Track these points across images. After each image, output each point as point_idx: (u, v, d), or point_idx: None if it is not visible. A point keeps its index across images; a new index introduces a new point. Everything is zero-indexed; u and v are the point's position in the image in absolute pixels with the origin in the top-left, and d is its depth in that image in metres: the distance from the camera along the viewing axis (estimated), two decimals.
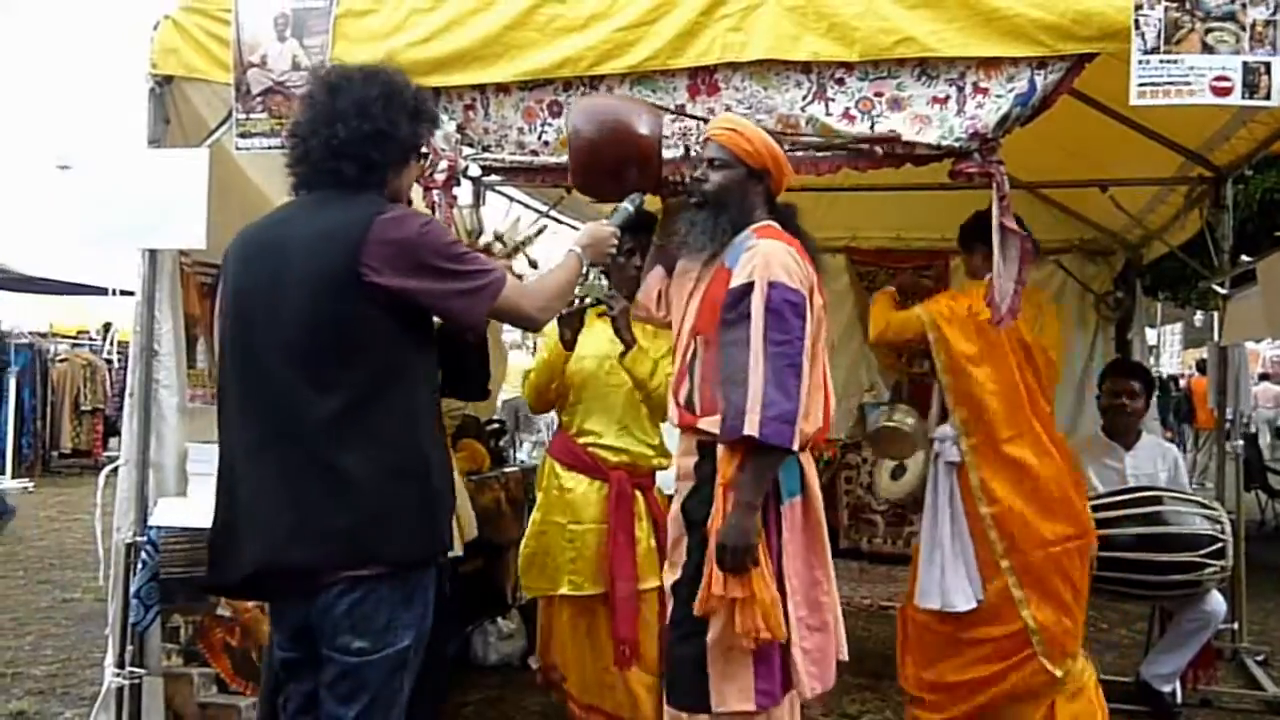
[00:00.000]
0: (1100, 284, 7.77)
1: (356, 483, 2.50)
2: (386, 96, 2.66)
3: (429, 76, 3.96)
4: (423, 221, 2.60)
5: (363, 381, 2.53)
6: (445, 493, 2.67)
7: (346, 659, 2.54)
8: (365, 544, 2.51)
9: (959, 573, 4.08)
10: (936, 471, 4.22)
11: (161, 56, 4.23)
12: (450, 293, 2.59)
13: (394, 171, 2.71)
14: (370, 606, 2.52)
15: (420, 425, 2.62)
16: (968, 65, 3.61)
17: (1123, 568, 4.53)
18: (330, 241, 2.54)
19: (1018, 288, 3.68)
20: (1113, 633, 6.43)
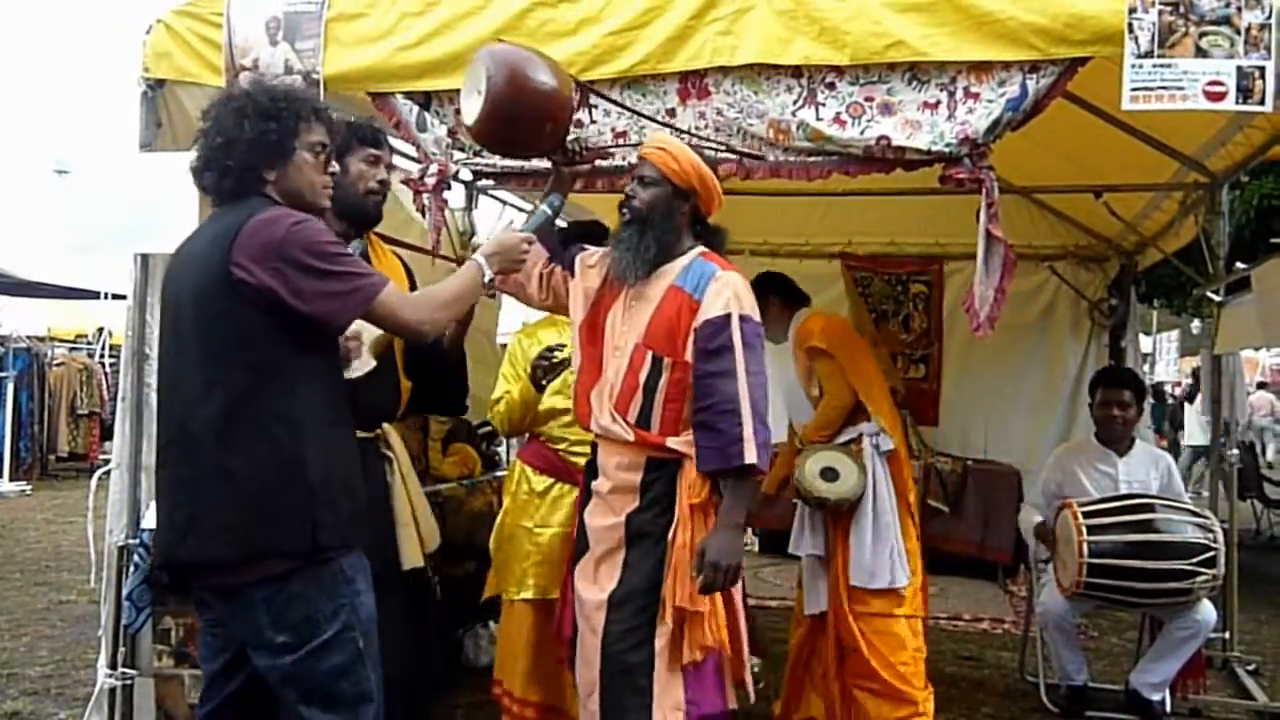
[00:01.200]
0: (1094, 290, 7.78)
1: (238, 479, 2.57)
2: (238, 108, 2.70)
3: (420, 80, 3.97)
4: (295, 220, 2.61)
5: (242, 380, 2.59)
6: (330, 491, 2.65)
7: (279, 660, 2.61)
8: (249, 539, 2.56)
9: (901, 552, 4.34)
10: (873, 462, 4.37)
11: (154, 60, 4.21)
12: (315, 292, 2.59)
13: (271, 172, 2.73)
14: (282, 602, 2.59)
15: (303, 425, 2.63)
16: (959, 69, 3.59)
17: (1114, 575, 4.54)
18: (211, 249, 2.62)
19: (999, 296, 3.64)
20: (1103, 640, 6.43)
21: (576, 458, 3.98)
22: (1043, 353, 7.96)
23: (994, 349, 7.72)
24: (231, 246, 2.56)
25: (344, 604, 2.64)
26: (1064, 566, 4.76)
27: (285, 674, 2.61)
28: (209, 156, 2.71)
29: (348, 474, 2.76)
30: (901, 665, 4.28)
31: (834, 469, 4.34)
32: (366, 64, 3.98)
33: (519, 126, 3.40)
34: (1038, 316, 7.94)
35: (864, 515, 4.34)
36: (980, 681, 5.58)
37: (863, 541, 4.32)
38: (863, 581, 4.31)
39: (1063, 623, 4.90)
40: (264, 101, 2.71)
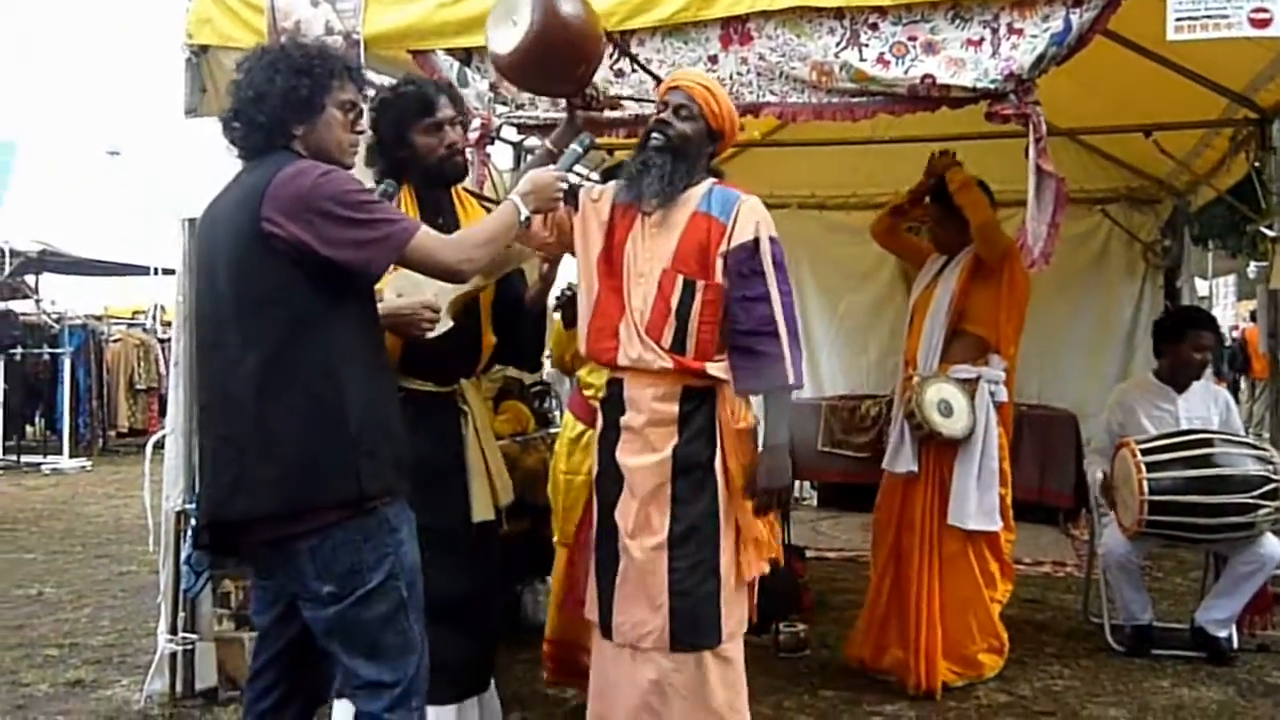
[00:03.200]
0: (1147, 232, 7.67)
1: (281, 433, 2.58)
2: (271, 62, 2.70)
3: (460, 36, 3.99)
4: (322, 171, 2.61)
5: (280, 334, 2.59)
6: (371, 440, 2.65)
7: (324, 610, 2.63)
8: (295, 492, 2.57)
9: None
10: (986, 410, 4.44)
11: (196, 26, 4.26)
12: (347, 241, 2.58)
13: (299, 127, 2.71)
14: (329, 551, 2.60)
15: (341, 376, 2.63)
16: (1001, 6, 3.56)
17: (1175, 511, 4.50)
18: (242, 204, 2.63)
19: (1051, 231, 3.64)
20: (1167, 581, 6.35)
21: None
22: (1097, 296, 7.85)
23: (1047, 293, 7.54)
24: (261, 201, 2.57)
25: (388, 553, 2.66)
26: (1124, 506, 4.71)
27: (330, 624, 2.64)
28: (238, 109, 2.71)
29: (389, 421, 2.76)
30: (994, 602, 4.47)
31: (950, 404, 4.39)
32: (407, 22, 4.00)
33: (554, 62, 3.36)
34: (1091, 260, 7.83)
35: (971, 458, 4.41)
36: (1044, 624, 5.53)
37: (967, 484, 4.40)
38: (961, 522, 4.40)
39: (1126, 562, 4.85)
40: (297, 57, 2.71)
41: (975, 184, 4.54)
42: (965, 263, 4.57)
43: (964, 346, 4.57)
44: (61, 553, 7.66)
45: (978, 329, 4.54)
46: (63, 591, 6.43)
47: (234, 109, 2.72)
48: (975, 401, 4.43)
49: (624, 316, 3.24)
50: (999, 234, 4.53)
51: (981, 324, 4.54)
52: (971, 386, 4.46)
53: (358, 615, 2.62)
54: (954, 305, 4.54)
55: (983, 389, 4.46)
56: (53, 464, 12.62)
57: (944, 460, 4.48)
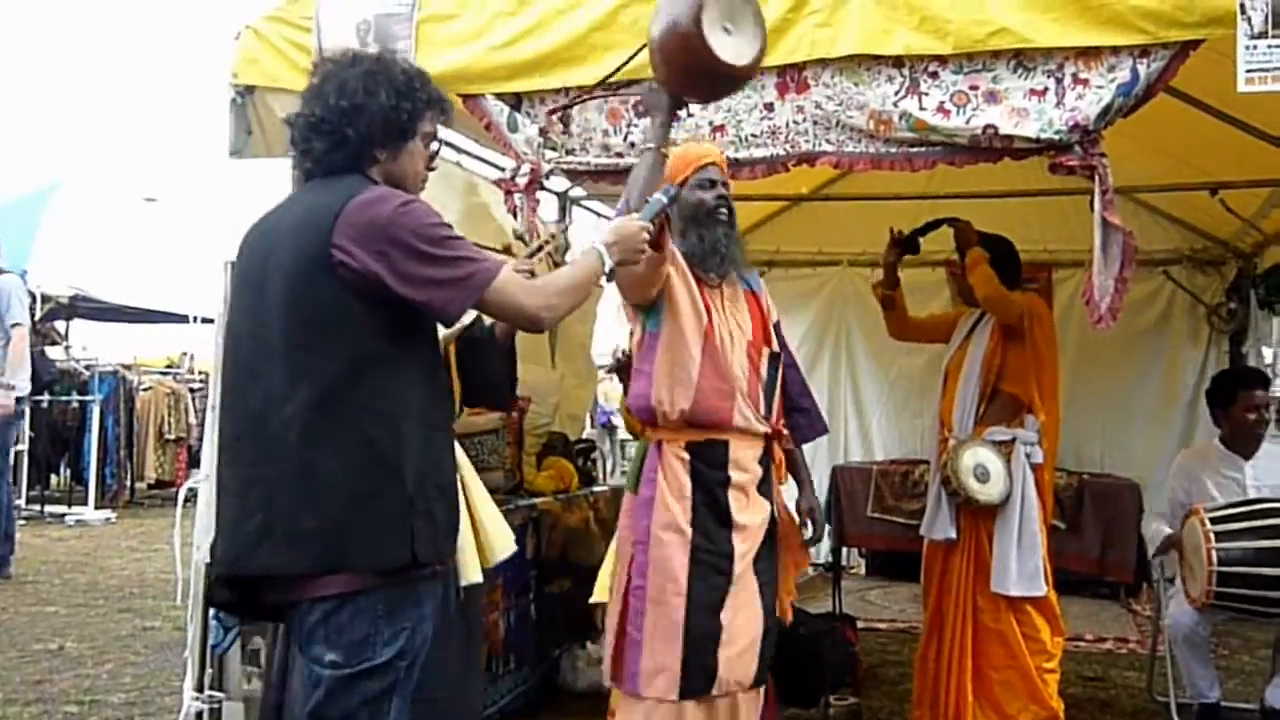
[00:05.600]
0: (1211, 295, 7.54)
1: (325, 481, 2.36)
2: (369, 73, 2.52)
3: (512, 81, 3.94)
4: (403, 200, 2.42)
5: (334, 373, 2.39)
6: (427, 499, 2.46)
7: (319, 670, 2.41)
8: (333, 548, 2.36)
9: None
10: (1023, 472, 4.36)
11: (243, 66, 4.20)
12: (425, 279, 2.38)
13: (383, 152, 2.54)
14: (345, 617, 2.38)
15: (401, 424, 2.43)
16: (1066, 55, 3.48)
17: (1245, 584, 4.30)
18: (307, 226, 2.42)
19: (1119, 287, 3.53)
20: (1234, 659, 6.14)
21: None
22: (1160, 361, 7.72)
23: (1108, 358, 7.54)
24: (333, 226, 2.37)
25: (405, 629, 2.44)
26: (1192, 576, 4.52)
27: (318, 680, 2.42)
28: (324, 118, 2.50)
29: (446, 482, 2.58)
30: (1043, 671, 4.31)
31: (986, 469, 4.31)
32: (458, 65, 3.94)
33: (697, 75, 3.23)
34: (1153, 324, 7.70)
35: (1010, 523, 4.32)
36: (1107, 702, 5.34)
37: (1008, 549, 4.31)
38: (1003, 589, 4.30)
39: (1193, 636, 4.65)
40: (397, 75, 2.55)
41: (985, 261, 4.52)
42: (996, 321, 4.52)
43: (999, 408, 4.49)
44: (84, 606, 7.52)
45: (1013, 388, 4.47)
46: (84, 646, 6.29)
47: (318, 117, 2.51)
48: (1011, 464, 4.34)
49: (733, 382, 3.33)
50: (1008, 304, 4.48)
51: (1016, 383, 4.46)
52: (1007, 449, 4.37)
53: (349, 686, 2.39)
54: (987, 365, 4.49)
55: (1019, 451, 4.37)
56: (77, 515, 12.41)
57: (982, 526, 4.39)
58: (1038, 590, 4.31)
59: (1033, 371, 4.41)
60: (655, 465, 3.27)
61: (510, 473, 4.93)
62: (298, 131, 2.56)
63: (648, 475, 3.27)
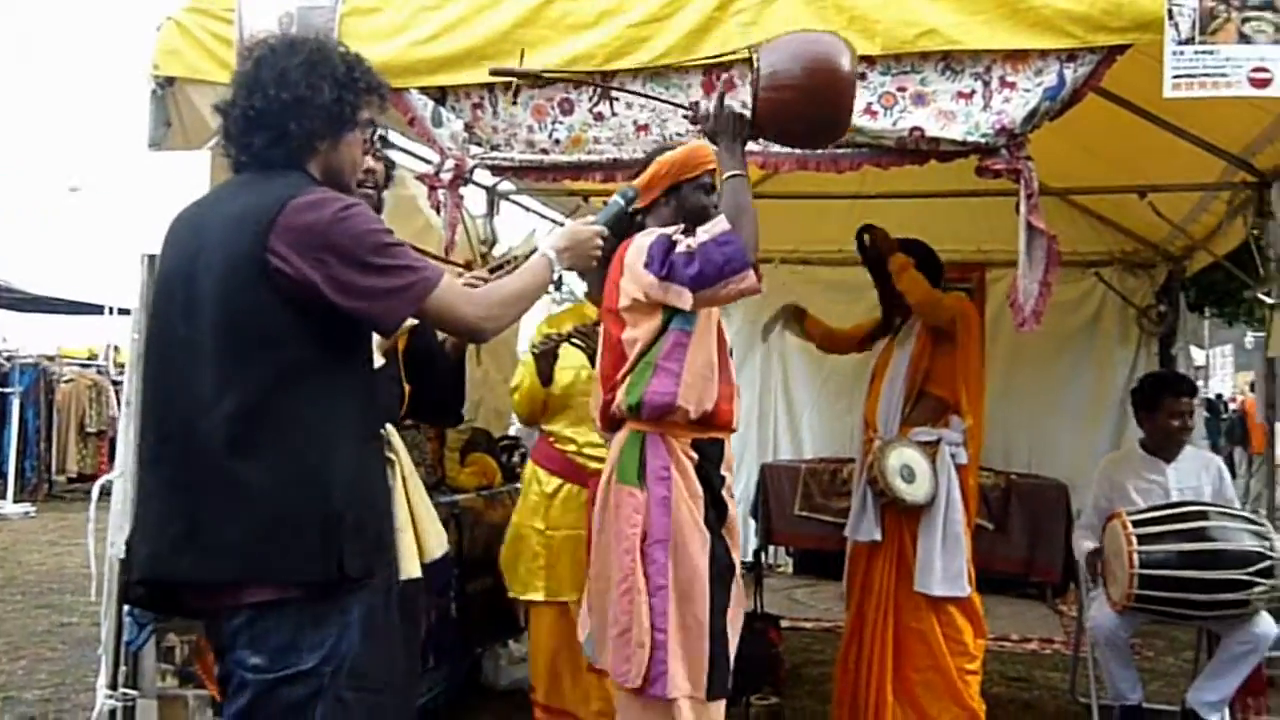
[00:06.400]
0: (1142, 298, 7.62)
1: (250, 493, 2.27)
2: (310, 64, 2.40)
3: (436, 75, 3.89)
4: (343, 205, 2.32)
5: (264, 381, 2.29)
6: (356, 514, 2.36)
7: (243, 674, 2.33)
8: (256, 561, 2.28)
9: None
10: (948, 473, 4.37)
11: (163, 57, 4.12)
12: (364, 289, 2.30)
13: (324, 143, 2.44)
14: (270, 622, 2.29)
15: (332, 437, 2.35)
16: (993, 58, 3.48)
17: (1166, 586, 4.33)
18: (242, 226, 2.30)
19: (1043, 290, 3.54)
20: (1159, 660, 6.22)
21: (586, 459, 3.98)
22: (1090, 362, 7.80)
23: (1039, 359, 7.61)
24: (270, 230, 2.26)
25: (331, 634, 2.34)
26: (1114, 579, 4.55)
27: (241, 684, 2.34)
28: (265, 111, 2.37)
29: (377, 494, 2.51)
30: (965, 672, 4.32)
31: (912, 469, 4.32)
32: (381, 59, 3.81)
33: (810, 125, 3.29)
34: (1084, 325, 7.79)
35: (934, 523, 4.33)
36: (1029, 703, 5.40)
37: (932, 550, 4.32)
38: (927, 589, 4.31)
39: (1114, 639, 4.67)
40: (339, 63, 2.44)
41: (912, 266, 4.49)
42: (921, 324, 4.53)
43: (925, 409, 4.50)
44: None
45: (939, 390, 4.48)
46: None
47: (255, 111, 2.38)
48: (937, 465, 4.35)
49: (734, 383, 3.32)
50: (938, 308, 4.47)
51: (943, 385, 4.47)
52: (932, 450, 4.38)
53: (272, 693, 2.30)
54: (914, 366, 4.49)
55: (944, 452, 4.38)
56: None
57: (906, 526, 4.39)
58: (961, 591, 4.32)
59: (960, 374, 4.42)
60: (667, 462, 3.17)
61: (432, 468, 4.89)
62: (234, 124, 2.44)
63: (658, 472, 3.16)
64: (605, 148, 3.83)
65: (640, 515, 3.14)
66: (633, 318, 3.20)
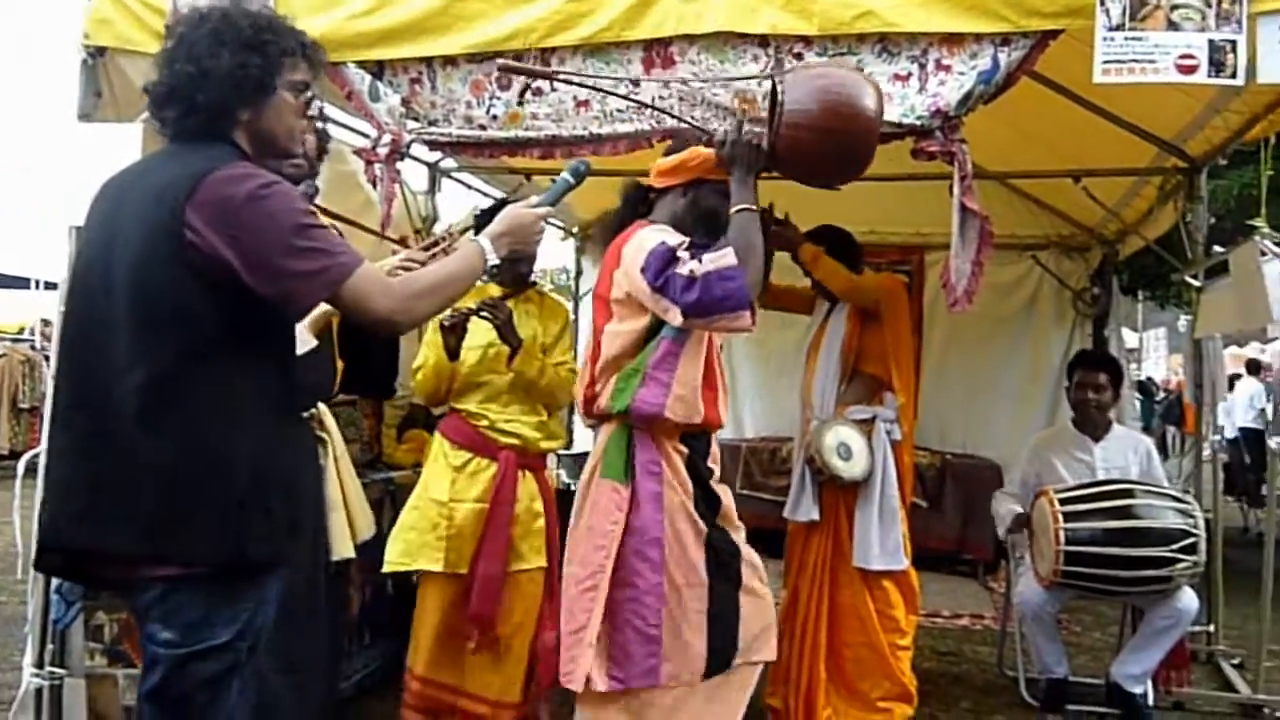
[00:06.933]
0: (1077, 280, 7.75)
1: (154, 467, 2.23)
2: (214, 32, 2.33)
3: (373, 49, 3.86)
4: (262, 183, 2.25)
5: (174, 356, 2.24)
6: (264, 496, 2.32)
7: (156, 649, 2.30)
8: (157, 536, 2.24)
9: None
10: (883, 449, 4.41)
11: (94, 27, 4.04)
12: (276, 270, 2.23)
13: (245, 111, 2.37)
14: (183, 596, 2.26)
15: (242, 415, 2.30)
16: (930, 41, 3.51)
17: (1092, 563, 4.42)
18: (160, 197, 2.25)
19: (975, 270, 3.58)
20: (1086, 635, 6.31)
21: (497, 434, 3.98)
22: (1025, 344, 7.90)
23: (975, 340, 7.70)
24: (185, 203, 2.20)
25: (247, 609, 2.30)
26: (1041, 555, 4.64)
27: (154, 659, 2.31)
28: (174, 86, 2.33)
29: (292, 476, 2.45)
30: (897, 647, 4.36)
31: (849, 446, 4.35)
32: (318, 32, 3.73)
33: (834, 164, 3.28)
34: (1020, 307, 7.90)
35: (871, 499, 4.37)
36: (959, 677, 5.45)
37: (869, 525, 4.36)
38: (865, 563, 4.35)
39: (1041, 614, 4.76)
40: (245, 27, 2.35)
41: (823, 254, 4.48)
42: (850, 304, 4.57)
43: (859, 387, 4.53)
44: None
45: (872, 369, 4.51)
46: None
47: (168, 86, 2.34)
48: (873, 442, 4.39)
49: (719, 384, 3.30)
50: (863, 292, 4.50)
51: (875, 364, 4.50)
52: (868, 427, 4.43)
53: (185, 669, 2.27)
54: (846, 346, 4.52)
55: (879, 429, 4.43)
56: None
57: (843, 503, 4.43)
58: (898, 565, 4.37)
59: (890, 352, 4.45)
60: (655, 457, 3.14)
61: (368, 445, 4.87)
62: (153, 101, 2.40)
63: (648, 467, 3.13)
64: (544, 124, 3.81)
65: (621, 512, 3.11)
66: (620, 311, 3.17)
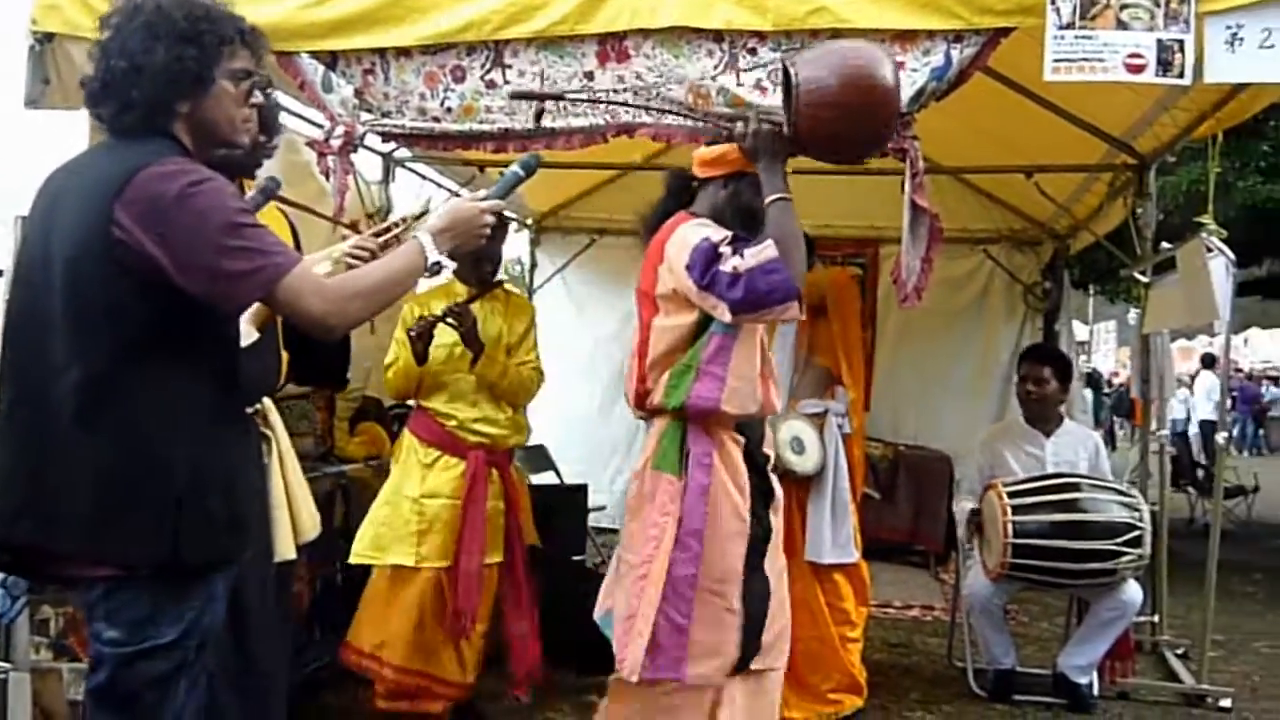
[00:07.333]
0: (1028, 274, 7.82)
1: (90, 467, 2.19)
2: (148, 25, 2.26)
3: (325, 39, 3.83)
4: (195, 179, 2.18)
5: (108, 356, 2.20)
6: (203, 498, 2.26)
7: (102, 648, 2.27)
8: (92, 537, 2.20)
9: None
10: (835, 443, 4.47)
11: (42, 12, 3.97)
12: (207, 271, 2.16)
13: (184, 104, 2.30)
14: (128, 594, 2.22)
15: (178, 417, 2.25)
16: (882, 38, 3.51)
17: (1038, 555, 4.49)
18: (93, 193, 2.21)
19: (925, 266, 3.61)
20: (1033, 625, 6.37)
21: (465, 434, 4.07)
22: (977, 337, 7.97)
23: (927, 333, 7.74)
24: (116, 199, 2.14)
25: (193, 607, 2.27)
26: (989, 548, 4.70)
27: (99, 658, 2.28)
28: (108, 81, 2.26)
29: (234, 477, 2.37)
30: (846, 639, 4.41)
31: (802, 441, 4.38)
32: (270, 21, 3.75)
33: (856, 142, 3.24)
34: (972, 300, 7.96)
35: (823, 492, 4.41)
36: (909, 668, 5.47)
37: (821, 518, 4.40)
38: (818, 557, 4.39)
39: (989, 605, 4.83)
40: (179, 19, 2.27)
41: None
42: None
43: (810, 380, 4.57)
44: None
45: (824, 361, 4.55)
46: None
47: (102, 80, 2.27)
48: (825, 436, 4.43)
49: (771, 370, 3.33)
50: (809, 287, 4.46)
51: (826, 356, 4.54)
52: (819, 421, 4.47)
53: (132, 667, 2.24)
54: (797, 339, 4.56)
55: (830, 423, 4.48)
56: None
57: (795, 497, 4.41)
58: (849, 558, 4.41)
59: (840, 347, 4.49)
60: (709, 449, 3.13)
61: (321, 438, 4.86)
62: (89, 96, 2.35)
63: (700, 459, 3.12)
64: (497, 117, 3.80)
65: (675, 504, 3.11)
66: (667, 306, 3.19)
